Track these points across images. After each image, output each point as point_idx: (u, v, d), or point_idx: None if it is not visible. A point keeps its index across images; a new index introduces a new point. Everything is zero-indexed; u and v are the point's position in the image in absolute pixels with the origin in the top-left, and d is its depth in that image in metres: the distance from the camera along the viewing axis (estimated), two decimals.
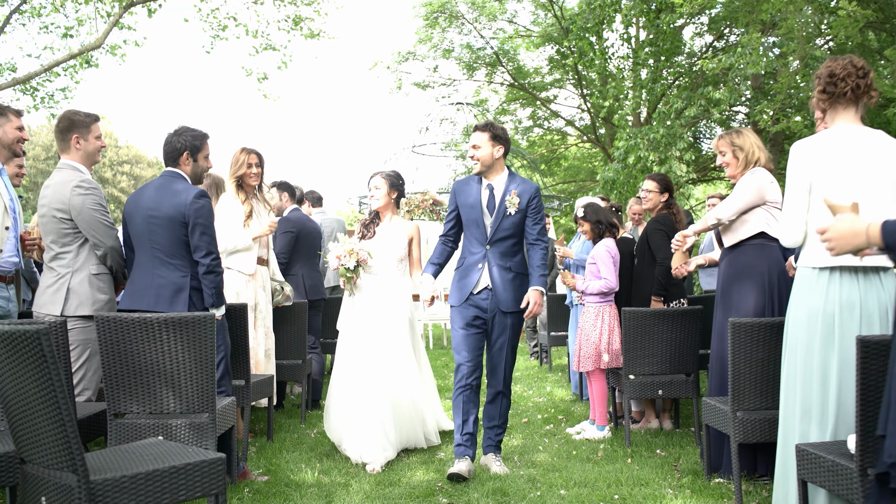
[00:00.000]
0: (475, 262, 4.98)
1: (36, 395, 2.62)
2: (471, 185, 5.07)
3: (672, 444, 5.64)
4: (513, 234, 4.98)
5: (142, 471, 2.76)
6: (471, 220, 5.02)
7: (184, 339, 3.78)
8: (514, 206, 4.92)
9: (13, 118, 4.58)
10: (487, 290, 4.94)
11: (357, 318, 5.49)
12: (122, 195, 73.50)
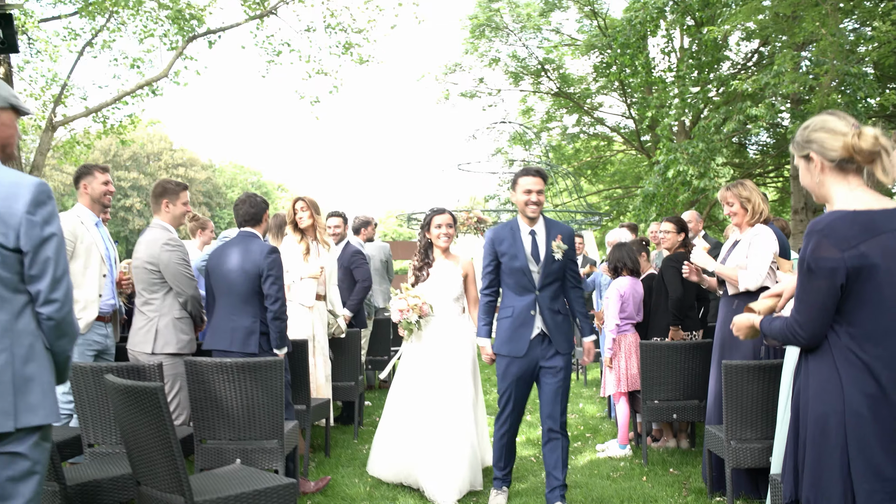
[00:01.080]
0: (526, 308, 4.96)
1: (152, 435, 3.38)
2: (510, 234, 5.04)
3: (685, 463, 6.27)
4: (558, 278, 5.03)
5: (232, 493, 3.53)
6: (515, 269, 4.99)
7: (256, 379, 4.56)
8: (561, 252, 4.98)
9: (98, 175, 5.40)
10: (541, 336, 4.96)
11: (420, 362, 5.53)
12: None
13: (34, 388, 2.72)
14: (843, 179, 2.74)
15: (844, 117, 2.76)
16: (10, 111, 2.86)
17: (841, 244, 2.61)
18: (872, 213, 2.65)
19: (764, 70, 16.35)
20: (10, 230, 2.65)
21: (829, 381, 2.66)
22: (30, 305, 2.74)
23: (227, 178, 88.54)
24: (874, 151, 2.66)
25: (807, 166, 2.83)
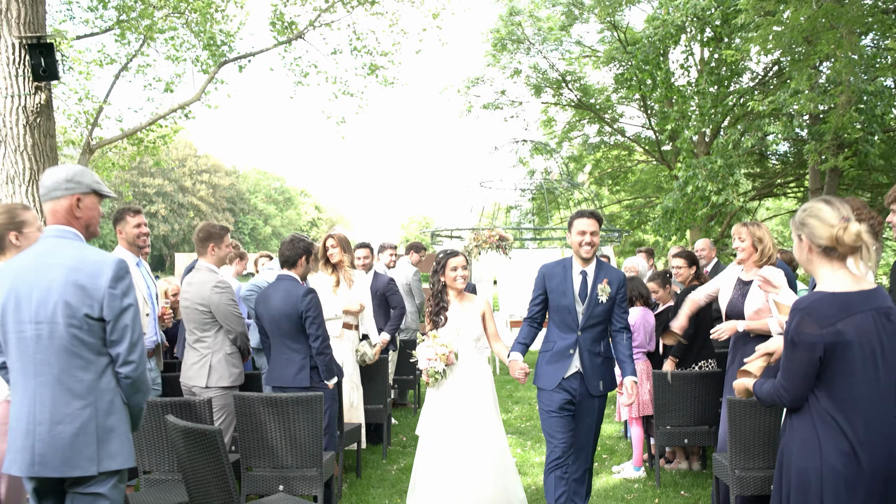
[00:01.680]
0: (566, 347, 5.09)
1: (209, 470, 3.81)
2: (562, 271, 5.18)
3: (696, 485, 6.64)
4: (602, 320, 5.12)
5: None
6: (562, 306, 5.12)
7: (299, 413, 4.99)
8: (605, 294, 5.07)
9: (130, 219, 5.82)
10: (578, 374, 5.09)
11: (444, 406, 5.54)
12: (202, 203, 76.63)
13: (114, 438, 3.17)
14: (828, 263, 3.14)
15: (838, 208, 3.16)
16: (93, 195, 3.31)
17: (821, 322, 3.00)
18: (850, 295, 3.04)
19: (781, 87, 16.65)
20: (95, 302, 3.10)
21: (810, 439, 3.04)
22: (110, 366, 3.19)
23: (251, 184, 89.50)
24: (855, 246, 3.07)
25: (799, 244, 3.23)
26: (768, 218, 34.51)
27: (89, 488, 3.15)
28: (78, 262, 3.14)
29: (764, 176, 25.36)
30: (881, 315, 3.04)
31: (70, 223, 3.27)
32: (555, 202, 24.37)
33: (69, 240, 3.24)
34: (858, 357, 2.98)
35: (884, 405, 3.03)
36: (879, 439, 3.00)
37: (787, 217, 31.19)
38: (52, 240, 3.23)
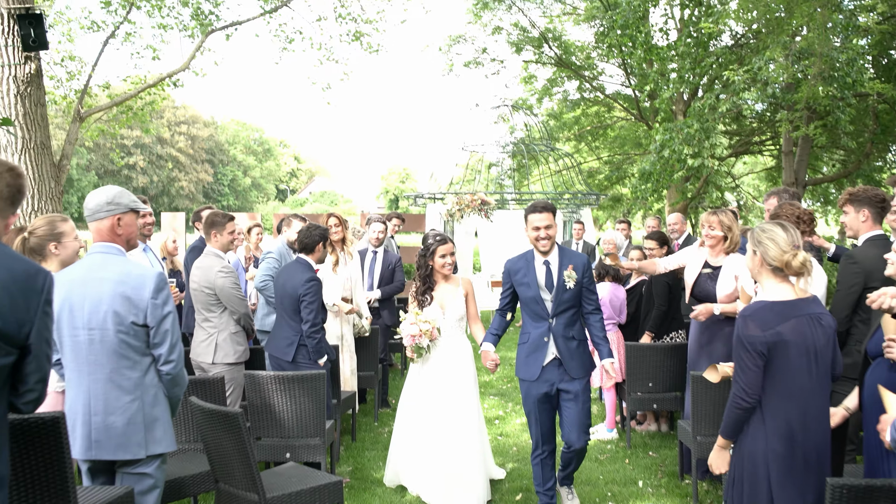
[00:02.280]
0: (540, 335, 5.24)
1: (231, 447, 4.32)
2: (525, 264, 5.30)
3: (664, 447, 7.25)
4: (572, 305, 5.24)
5: (295, 490, 4.49)
6: (529, 297, 5.25)
7: (304, 388, 5.51)
8: (572, 281, 5.17)
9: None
10: (556, 361, 5.22)
11: (426, 382, 5.79)
12: (180, 155, 76.19)
13: (159, 426, 3.69)
14: (774, 277, 3.71)
15: (791, 234, 3.72)
16: (131, 213, 3.77)
17: (762, 326, 3.55)
18: (788, 303, 3.61)
19: (757, 54, 17.06)
20: (139, 311, 3.59)
21: (759, 427, 3.61)
22: (153, 365, 3.70)
23: (230, 135, 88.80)
24: (800, 272, 3.65)
25: (753, 256, 3.79)
26: (745, 174, 35.17)
27: (137, 469, 3.70)
28: (124, 276, 3.63)
29: (740, 134, 25.88)
30: (814, 320, 3.60)
31: (113, 240, 3.75)
32: (534, 159, 24.80)
33: (114, 255, 3.72)
34: (795, 355, 3.53)
35: (818, 394, 3.61)
36: (814, 424, 3.58)
37: (764, 174, 31.92)
38: (99, 255, 3.70)
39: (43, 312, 2.47)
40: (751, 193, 34.23)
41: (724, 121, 21.16)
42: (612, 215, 35.41)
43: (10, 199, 2.62)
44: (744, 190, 32.81)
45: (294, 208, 73.51)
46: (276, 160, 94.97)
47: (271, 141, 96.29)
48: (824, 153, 24.34)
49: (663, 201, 22.83)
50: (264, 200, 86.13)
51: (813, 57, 14.30)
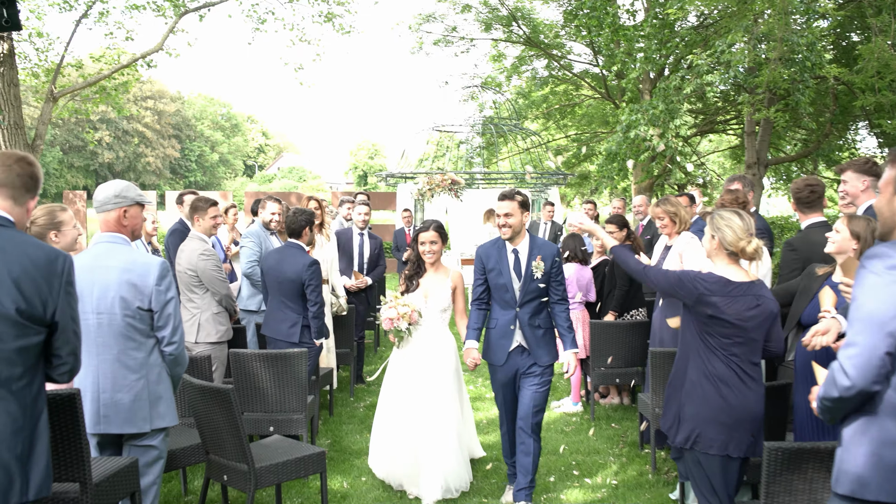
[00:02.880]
0: (507, 323, 5.33)
1: (222, 421, 4.64)
2: (496, 251, 5.37)
3: (625, 419, 7.68)
4: (539, 295, 5.33)
5: (282, 460, 4.82)
6: (499, 284, 5.32)
7: (286, 367, 5.83)
8: (539, 271, 5.24)
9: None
10: (521, 348, 5.34)
11: (405, 369, 5.76)
12: (147, 130, 75.38)
13: (163, 403, 4.02)
14: (727, 259, 4.12)
15: (747, 222, 4.16)
16: (136, 206, 4.06)
17: (706, 290, 3.96)
18: (734, 283, 4.01)
19: (720, 36, 17.48)
20: (145, 297, 3.90)
21: (696, 364, 4.13)
22: (157, 346, 4.01)
23: (197, 111, 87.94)
24: (752, 257, 4.09)
25: (710, 240, 4.21)
26: (711, 152, 35.75)
27: (143, 441, 4.02)
28: (130, 264, 3.93)
29: (705, 113, 26.36)
30: (752, 299, 4.01)
31: (119, 230, 4.04)
32: (503, 137, 25.12)
33: (120, 245, 4.01)
34: (722, 323, 4.02)
35: (741, 360, 4.09)
36: (733, 381, 4.08)
37: (728, 152, 32.56)
38: (106, 244, 3.99)
39: (65, 293, 2.79)
40: (715, 172, 34.86)
41: (690, 100, 21.59)
42: (581, 192, 35.88)
43: (25, 187, 2.90)
44: (709, 168, 33.43)
45: (262, 184, 73.20)
46: (243, 136, 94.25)
47: (239, 116, 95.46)
48: (787, 132, 24.91)
49: (629, 180, 23.29)
50: (232, 176, 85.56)
51: (774, 41, 14.73)
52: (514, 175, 20.06)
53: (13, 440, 2.64)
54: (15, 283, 2.65)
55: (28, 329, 2.68)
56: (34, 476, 2.70)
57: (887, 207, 2.77)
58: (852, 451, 2.66)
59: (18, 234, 2.78)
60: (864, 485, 2.61)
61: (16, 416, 2.66)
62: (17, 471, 2.65)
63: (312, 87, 79.94)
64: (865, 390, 2.59)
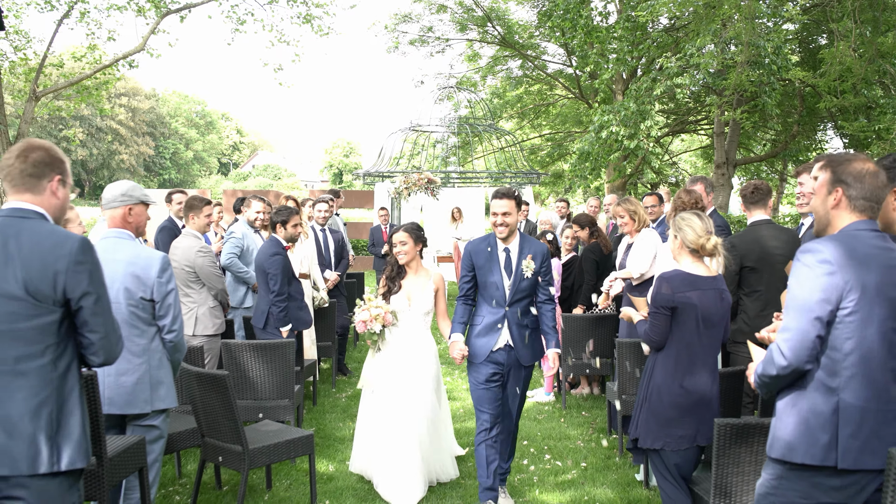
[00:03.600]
0: (495, 322, 5.27)
1: (218, 405, 4.97)
2: (487, 248, 5.31)
3: (595, 408, 8.10)
4: (528, 294, 5.32)
5: (273, 442, 5.17)
6: (489, 282, 5.27)
7: (275, 356, 6.17)
8: (530, 270, 5.23)
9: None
10: (507, 347, 5.28)
11: (385, 371, 5.76)
12: (121, 127, 74.93)
13: (163, 386, 4.35)
14: (690, 256, 4.55)
15: (705, 222, 4.57)
16: (141, 205, 4.38)
17: (674, 288, 4.35)
18: (698, 277, 4.40)
19: (689, 40, 18.00)
20: (147, 288, 4.22)
21: (665, 365, 4.44)
22: (157, 333, 4.33)
23: (171, 108, 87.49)
24: (712, 253, 4.50)
25: (674, 240, 4.60)
26: (682, 152, 36.38)
27: (146, 421, 4.34)
28: (134, 257, 4.24)
29: (676, 113, 26.92)
30: (717, 293, 4.42)
31: (124, 227, 4.36)
32: (478, 137, 25.50)
33: (125, 240, 4.33)
34: (694, 318, 4.36)
35: (707, 351, 4.44)
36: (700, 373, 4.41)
37: (700, 152, 33.23)
38: (112, 240, 4.31)
39: (73, 271, 2.98)
40: (687, 171, 35.50)
41: (662, 101, 22.12)
42: (555, 191, 36.39)
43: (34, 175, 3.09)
44: (681, 168, 34.03)
45: (237, 182, 72.98)
46: (218, 133, 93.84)
47: (213, 114, 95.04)
48: (756, 133, 25.53)
49: (602, 178, 23.79)
50: (207, 174, 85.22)
51: (741, 45, 15.23)
52: (489, 174, 20.43)
53: (36, 414, 2.92)
54: (24, 266, 2.92)
55: (41, 308, 2.94)
56: (66, 448, 2.98)
57: (822, 207, 3.16)
58: (784, 420, 3.07)
59: (37, 223, 3.04)
60: (792, 449, 3.01)
61: (36, 391, 2.92)
62: (45, 442, 2.93)
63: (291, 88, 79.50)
64: (799, 369, 2.99)
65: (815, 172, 3.23)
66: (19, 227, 3.00)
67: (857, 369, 2.95)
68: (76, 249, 3.01)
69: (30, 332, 2.94)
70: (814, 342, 2.96)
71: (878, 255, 3.00)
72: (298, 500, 5.55)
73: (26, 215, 3.07)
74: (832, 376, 2.97)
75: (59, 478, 2.98)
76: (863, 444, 2.93)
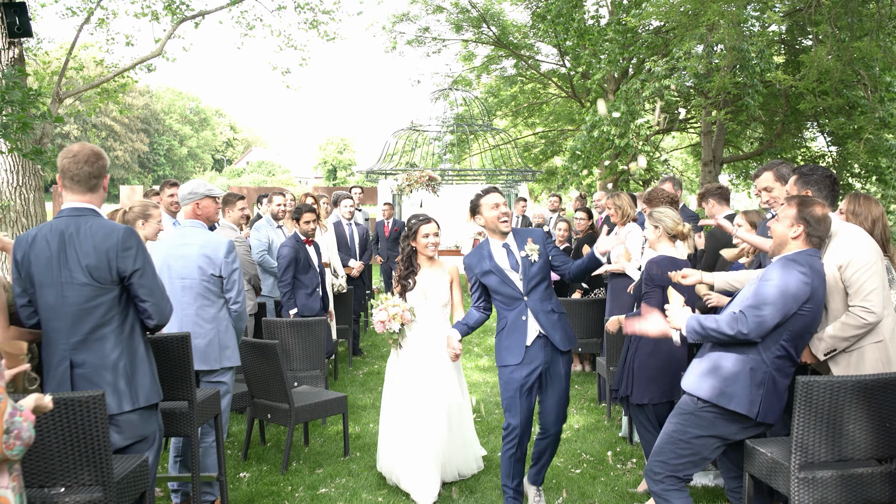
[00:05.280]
0: (518, 315, 5.05)
1: (268, 370, 5.88)
2: (483, 255, 5.18)
3: (586, 382, 9.04)
4: (543, 278, 5.12)
5: (313, 402, 6.08)
6: (497, 283, 5.10)
7: (309, 332, 7.09)
8: (535, 253, 5.05)
9: (167, 190, 7.71)
10: (539, 338, 5.03)
11: (407, 367, 5.67)
12: (115, 124, 75.39)
13: (229, 348, 5.26)
14: (669, 242, 5.45)
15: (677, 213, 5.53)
16: (207, 198, 5.28)
17: (661, 269, 5.25)
18: (676, 258, 5.31)
19: (677, 44, 18.91)
20: (217, 267, 5.13)
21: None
22: (225, 304, 5.22)
23: (165, 105, 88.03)
24: (685, 237, 5.46)
25: (654, 230, 5.51)
26: (675, 148, 37.30)
27: (215, 377, 5.24)
28: (205, 242, 5.16)
29: (667, 112, 27.81)
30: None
31: (196, 218, 5.29)
32: (474, 135, 26.32)
33: (197, 228, 5.26)
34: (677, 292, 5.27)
35: None
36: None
37: (690, 149, 34.16)
38: (188, 229, 5.24)
39: (122, 255, 3.82)
40: (678, 168, 36.43)
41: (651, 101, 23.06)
42: (548, 188, 37.29)
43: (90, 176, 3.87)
44: (671, 165, 34.97)
45: (231, 179, 73.63)
46: (212, 130, 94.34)
47: (207, 110, 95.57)
48: (747, 130, 26.47)
49: (594, 176, 24.73)
50: (201, 171, 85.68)
51: (724, 51, 16.17)
52: (484, 172, 21.33)
53: (115, 367, 3.85)
54: (85, 256, 3.79)
55: (103, 288, 3.83)
56: (141, 390, 3.93)
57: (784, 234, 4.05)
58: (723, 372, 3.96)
59: (92, 219, 3.89)
60: (723, 394, 3.93)
61: (112, 350, 3.85)
62: (125, 387, 3.88)
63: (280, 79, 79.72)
64: (752, 340, 3.90)
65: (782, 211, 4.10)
66: (77, 224, 3.87)
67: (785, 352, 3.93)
68: (121, 237, 3.88)
69: (100, 308, 3.85)
70: (771, 326, 3.87)
71: (823, 275, 3.98)
72: (333, 453, 6.47)
73: (82, 213, 3.93)
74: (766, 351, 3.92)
75: (138, 411, 3.95)
76: (771, 406, 3.90)
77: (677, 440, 4.07)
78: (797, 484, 3.61)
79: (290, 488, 5.73)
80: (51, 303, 3.83)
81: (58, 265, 3.80)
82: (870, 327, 4.01)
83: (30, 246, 3.86)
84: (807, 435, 3.60)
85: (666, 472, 4.09)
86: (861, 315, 4.01)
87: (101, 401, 3.46)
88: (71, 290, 3.80)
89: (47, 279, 3.82)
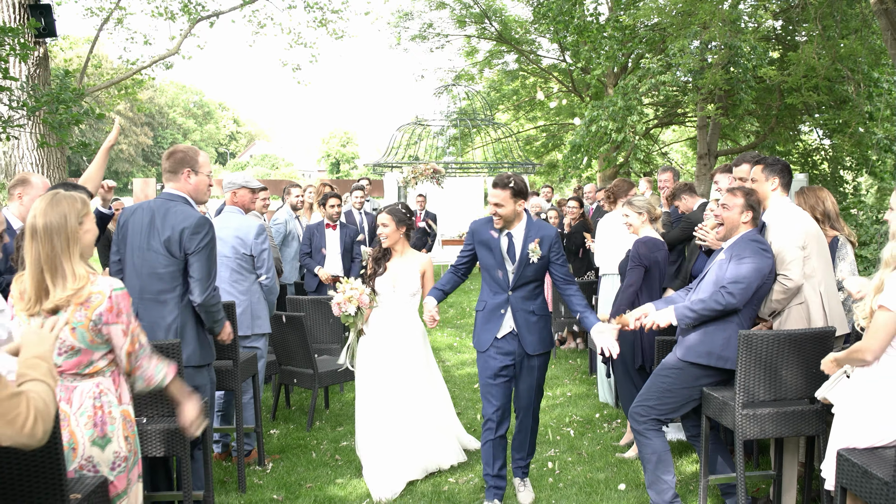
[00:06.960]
0: (497, 306, 5.01)
1: (295, 339, 6.67)
2: (490, 230, 5.05)
3: (580, 357, 9.82)
4: (535, 278, 5.02)
5: (332, 368, 6.85)
6: (490, 265, 5.03)
7: (328, 309, 7.85)
8: (536, 255, 4.94)
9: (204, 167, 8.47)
10: (512, 335, 4.99)
11: (374, 356, 5.71)
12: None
13: (261, 317, 6.03)
14: (651, 225, 6.21)
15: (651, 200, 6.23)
16: (243, 189, 6.07)
17: (649, 250, 6.00)
18: (658, 240, 6.09)
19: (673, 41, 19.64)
20: (248, 246, 5.92)
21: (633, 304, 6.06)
22: (256, 279, 6.01)
23: (169, 98, 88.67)
24: (659, 218, 6.22)
25: (638, 216, 6.25)
26: (673, 141, 38.01)
27: (249, 343, 6.01)
28: (239, 225, 5.95)
29: (665, 105, 28.53)
30: (665, 252, 6.09)
31: (233, 204, 6.09)
32: (476, 129, 27.05)
33: (234, 214, 6.07)
34: (658, 272, 6.01)
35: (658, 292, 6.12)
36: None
37: (688, 142, 34.87)
38: (227, 214, 6.05)
39: (190, 237, 4.61)
40: (678, 161, 37.13)
41: (649, 95, 23.78)
42: (549, 181, 37.99)
43: (173, 170, 4.78)
44: (670, 158, 35.66)
45: (234, 172, 74.25)
46: (215, 123, 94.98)
47: (211, 104, 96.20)
48: (740, 125, 27.14)
49: (593, 168, 25.50)
50: None
51: (716, 48, 16.92)
52: (486, 165, 22.07)
53: (169, 328, 4.62)
54: (165, 231, 4.60)
55: (172, 259, 4.62)
56: (186, 351, 4.66)
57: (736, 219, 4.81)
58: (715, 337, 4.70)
59: (176, 204, 4.71)
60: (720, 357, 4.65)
61: (169, 313, 4.62)
62: None
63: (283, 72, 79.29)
64: (737, 307, 4.66)
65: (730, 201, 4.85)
66: (167, 207, 4.72)
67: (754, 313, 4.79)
68: (194, 223, 4.67)
69: (167, 275, 4.65)
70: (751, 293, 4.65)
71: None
72: (351, 415, 7.21)
73: (172, 198, 4.78)
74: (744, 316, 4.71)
75: (189, 368, 4.68)
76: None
77: (665, 390, 4.80)
78: (741, 419, 4.40)
79: (315, 441, 6.55)
80: (133, 263, 4.66)
81: (146, 234, 4.64)
82: (791, 292, 4.78)
83: (131, 215, 4.75)
84: (748, 378, 4.37)
85: (651, 415, 4.83)
86: (782, 282, 4.78)
87: (177, 348, 4.25)
88: (149, 256, 4.63)
89: (135, 243, 4.66)
